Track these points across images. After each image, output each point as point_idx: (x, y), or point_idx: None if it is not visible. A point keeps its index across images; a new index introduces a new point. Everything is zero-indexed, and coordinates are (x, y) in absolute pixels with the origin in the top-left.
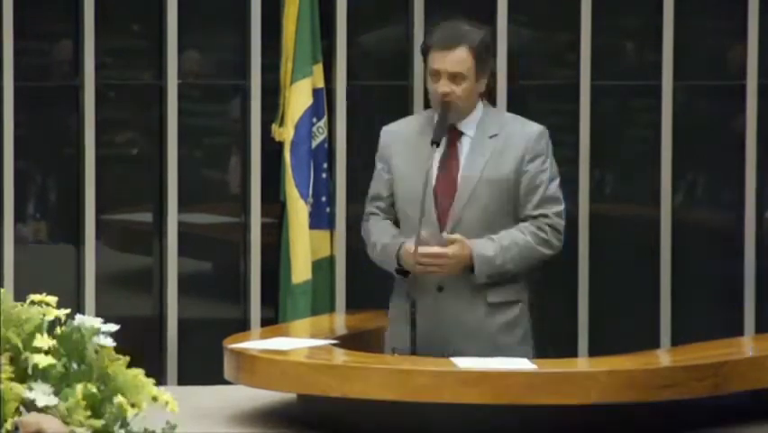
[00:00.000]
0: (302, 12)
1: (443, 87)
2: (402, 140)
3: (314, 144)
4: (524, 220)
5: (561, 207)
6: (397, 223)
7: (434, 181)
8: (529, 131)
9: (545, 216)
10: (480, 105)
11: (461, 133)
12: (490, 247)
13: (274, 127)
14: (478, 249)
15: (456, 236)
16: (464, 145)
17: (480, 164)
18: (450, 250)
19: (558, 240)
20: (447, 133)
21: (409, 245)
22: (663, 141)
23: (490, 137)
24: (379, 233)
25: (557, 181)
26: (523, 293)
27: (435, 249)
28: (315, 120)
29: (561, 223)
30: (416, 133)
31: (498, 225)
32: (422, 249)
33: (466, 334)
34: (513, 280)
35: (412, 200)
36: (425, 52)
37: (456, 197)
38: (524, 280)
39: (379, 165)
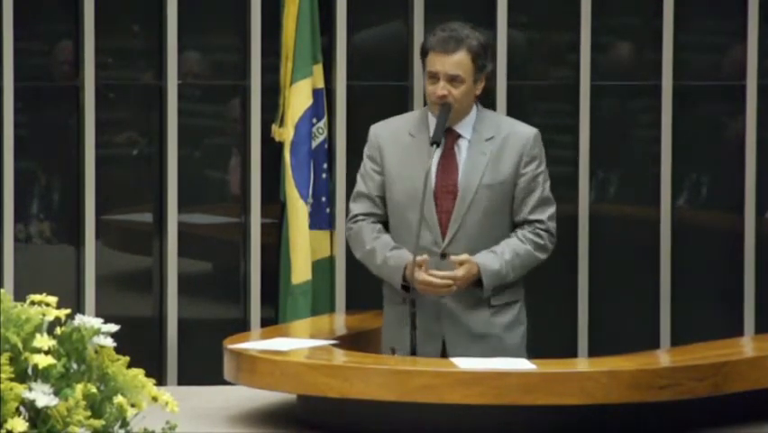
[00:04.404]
0: (302, 12)
1: (441, 89)
2: (395, 140)
3: (314, 145)
4: (520, 223)
5: (554, 209)
6: (385, 224)
7: (434, 183)
8: (525, 134)
9: (541, 221)
10: (474, 107)
11: (458, 136)
12: (495, 261)
13: (274, 127)
14: (484, 265)
15: (463, 257)
16: (462, 148)
17: (479, 168)
18: (459, 273)
19: (552, 243)
20: (445, 136)
21: (417, 273)
22: (663, 141)
23: (487, 140)
24: (373, 239)
25: (549, 183)
26: (519, 292)
27: (446, 274)
28: (314, 120)
29: (554, 226)
30: (409, 134)
31: (495, 227)
32: (433, 274)
33: (471, 337)
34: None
35: (410, 202)
36: (424, 54)
37: (457, 202)
38: (520, 278)
39: (369, 164)
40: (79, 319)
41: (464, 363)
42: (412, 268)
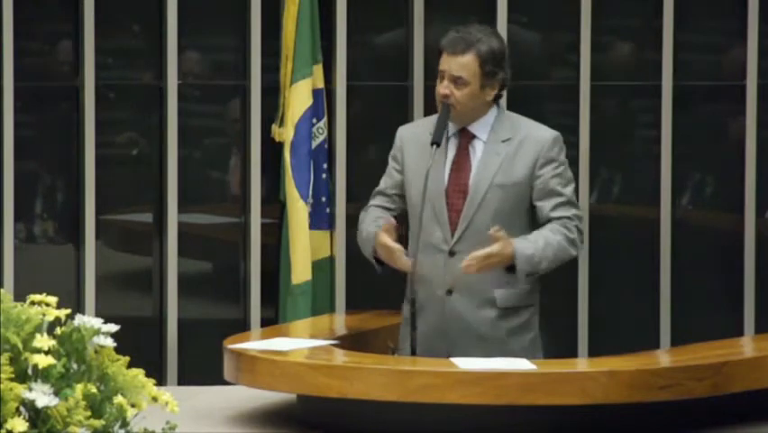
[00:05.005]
0: (302, 12)
1: (444, 88)
2: (415, 141)
3: (314, 145)
4: (547, 222)
5: (579, 211)
6: (397, 219)
7: (446, 182)
8: (542, 136)
9: (569, 217)
10: (494, 110)
11: (473, 136)
12: (529, 246)
13: (274, 128)
14: (519, 248)
15: (500, 233)
16: (477, 149)
17: (492, 169)
18: (495, 248)
19: (581, 242)
20: (460, 136)
21: (380, 235)
22: (663, 141)
23: (503, 141)
24: (368, 220)
25: (572, 187)
26: (533, 297)
27: (484, 251)
28: (314, 121)
29: (582, 226)
30: (429, 134)
31: (507, 228)
32: (474, 253)
33: (475, 337)
34: (525, 284)
35: (421, 201)
36: (440, 54)
37: (467, 200)
38: (535, 283)
39: (391, 163)
40: (79, 319)
41: (464, 363)
42: (381, 241)
